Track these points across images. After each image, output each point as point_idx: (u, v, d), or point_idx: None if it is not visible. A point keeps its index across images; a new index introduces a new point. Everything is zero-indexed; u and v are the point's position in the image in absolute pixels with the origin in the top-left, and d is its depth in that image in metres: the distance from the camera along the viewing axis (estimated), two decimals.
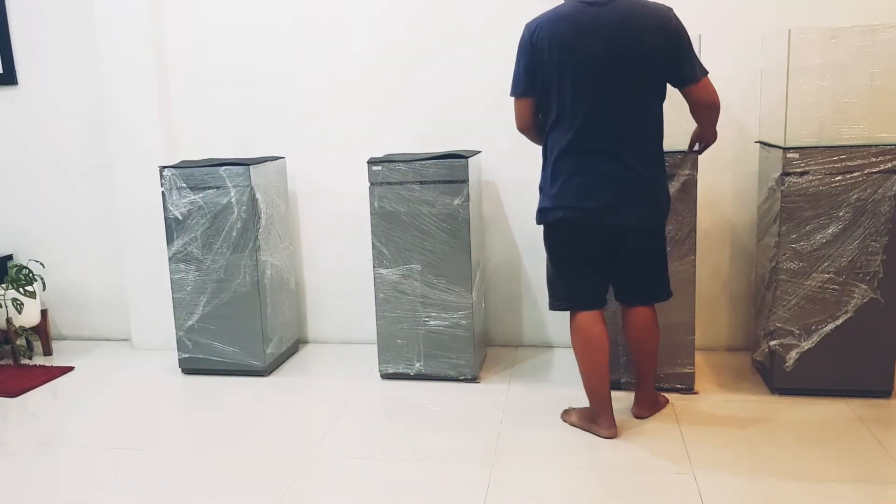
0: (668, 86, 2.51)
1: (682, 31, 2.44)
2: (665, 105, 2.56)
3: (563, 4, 2.50)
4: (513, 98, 2.59)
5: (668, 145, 2.80)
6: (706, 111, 2.55)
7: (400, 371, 3.24)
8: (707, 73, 2.49)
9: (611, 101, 2.42)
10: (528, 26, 2.52)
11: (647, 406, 2.82)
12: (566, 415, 2.80)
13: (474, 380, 3.22)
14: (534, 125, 2.61)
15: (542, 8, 3.44)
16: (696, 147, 2.80)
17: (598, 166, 2.45)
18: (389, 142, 3.54)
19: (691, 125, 2.70)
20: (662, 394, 2.94)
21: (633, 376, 2.84)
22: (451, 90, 3.50)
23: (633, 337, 2.72)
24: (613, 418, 2.65)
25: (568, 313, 2.67)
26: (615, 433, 2.63)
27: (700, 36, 2.80)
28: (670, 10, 2.44)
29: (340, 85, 3.60)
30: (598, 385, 2.63)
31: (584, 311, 2.61)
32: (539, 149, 3.51)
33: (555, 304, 2.70)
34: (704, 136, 2.72)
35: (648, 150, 2.50)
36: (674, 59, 2.42)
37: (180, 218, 3.32)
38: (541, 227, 3.54)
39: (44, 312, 3.84)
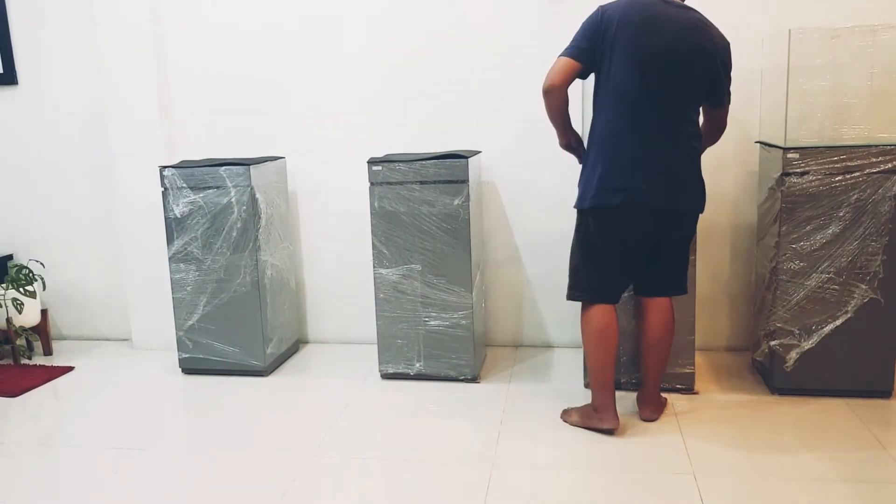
0: None
1: (730, 62, 2.60)
2: None
3: None
4: (561, 57, 2.55)
5: None
6: (718, 132, 2.74)
7: (400, 371, 3.24)
8: (730, 102, 2.66)
9: (664, 90, 2.48)
10: (601, 6, 2.58)
11: (656, 408, 2.80)
12: (566, 415, 2.80)
13: (474, 380, 3.22)
14: (563, 88, 2.56)
15: (541, 7, 3.45)
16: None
17: (655, 151, 2.50)
18: (389, 142, 3.54)
19: None
20: (663, 395, 2.94)
21: (642, 376, 2.82)
22: (451, 90, 3.50)
23: (651, 332, 2.72)
24: (617, 411, 2.66)
25: (568, 310, 2.67)
26: (617, 425, 2.64)
27: None
28: (729, 43, 2.58)
29: (340, 85, 3.60)
30: (609, 376, 2.65)
31: (602, 304, 2.64)
32: (537, 149, 3.52)
33: (575, 295, 2.71)
34: (704, 146, 2.76)
35: (691, 144, 2.58)
36: (718, 84, 2.57)
37: (180, 218, 3.32)
38: (539, 227, 3.57)
39: (44, 312, 3.84)
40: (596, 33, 2.53)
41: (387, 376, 3.29)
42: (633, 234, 2.57)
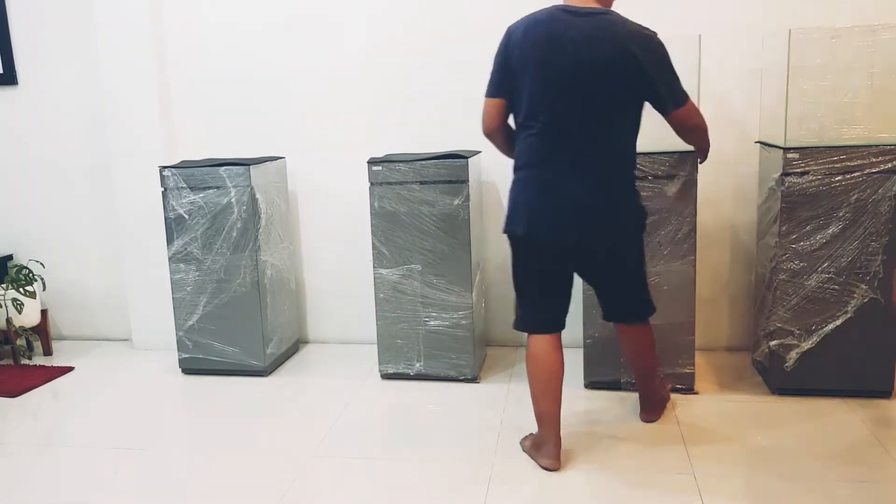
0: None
1: (662, 56, 2.31)
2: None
3: (543, 9, 2.38)
4: (485, 98, 2.46)
5: (666, 146, 2.81)
6: (690, 135, 2.49)
7: (400, 371, 3.24)
8: (689, 98, 2.38)
9: (574, 112, 2.29)
10: (507, 29, 2.42)
11: (655, 407, 2.80)
12: (524, 440, 2.62)
13: (474, 380, 3.22)
14: (499, 128, 2.46)
15: (541, 7, 3.45)
16: (698, 159, 2.78)
17: (562, 183, 2.32)
18: (389, 142, 3.54)
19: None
20: (666, 386, 2.88)
21: (636, 381, 2.83)
22: (451, 90, 3.49)
23: (628, 349, 2.70)
24: (559, 449, 2.46)
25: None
26: (556, 465, 2.43)
27: (700, 36, 2.81)
28: (654, 34, 2.32)
29: (340, 85, 3.60)
30: (547, 408, 2.47)
31: (536, 335, 2.47)
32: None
33: (516, 324, 2.55)
34: (697, 151, 2.67)
35: (614, 166, 2.37)
36: (650, 82, 2.30)
37: (181, 218, 3.32)
38: None
39: (44, 312, 3.84)
40: (504, 61, 2.38)
41: (387, 376, 3.29)
42: (546, 265, 2.43)
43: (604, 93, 2.28)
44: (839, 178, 2.75)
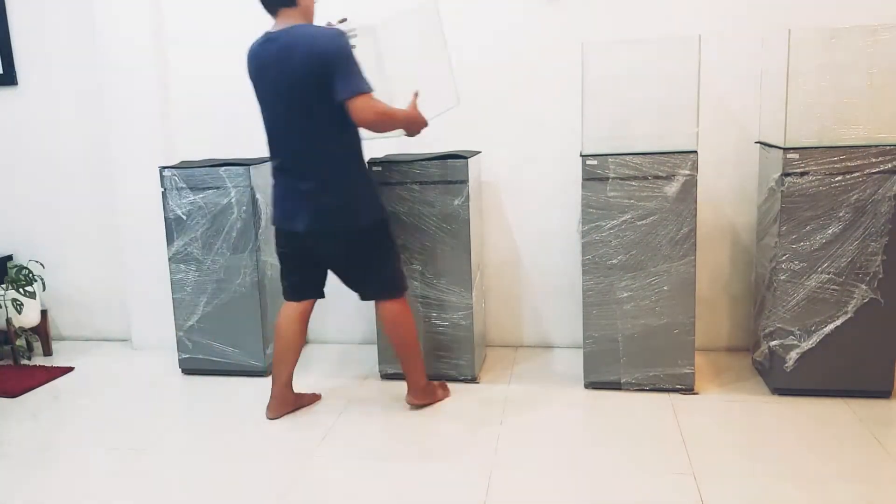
0: None
1: (334, 51, 2.52)
2: (664, 106, 2.55)
3: (259, 37, 2.70)
4: None
5: (666, 146, 2.81)
6: (370, 126, 2.64)
7: (400, 371, 3.23)
8: (366, 90, 2.54)
9: (287, 124, 2.66)
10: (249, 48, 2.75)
11: (417, 395, 2.96)
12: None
13: (474, 380, 3.23)
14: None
15: (541, 7, 3.45)
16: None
17: (286, 181, 2.74)
18: (389, 142, 3.53)
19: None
20: (444, 384, 3.09)
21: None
22: None
23: (384, 329, 2.97)
24: (276, 401, 2.95)
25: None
26: (271, 415, 2.93)
27: (700, 36, 2.81)
28: (332, 32, 2.58)
29: None
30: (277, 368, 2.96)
31: (287, 302, 2.96)
32: (537, 149, 3.53)
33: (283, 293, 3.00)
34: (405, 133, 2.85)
35: (334, 168, 2.69)
36: (324, 79, 2.53)
37: (180, 218, 3.32)
38: (539, 227, 3.58)
39: (44, 313, 3.84)
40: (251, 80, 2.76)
41: (387, 376, 3.29)
42: (290, 250, 2.86)
43: (301, 101, 2.59)
44: (839, 178, 2.75)
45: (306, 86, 2.56)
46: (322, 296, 2.99)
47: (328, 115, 2.60)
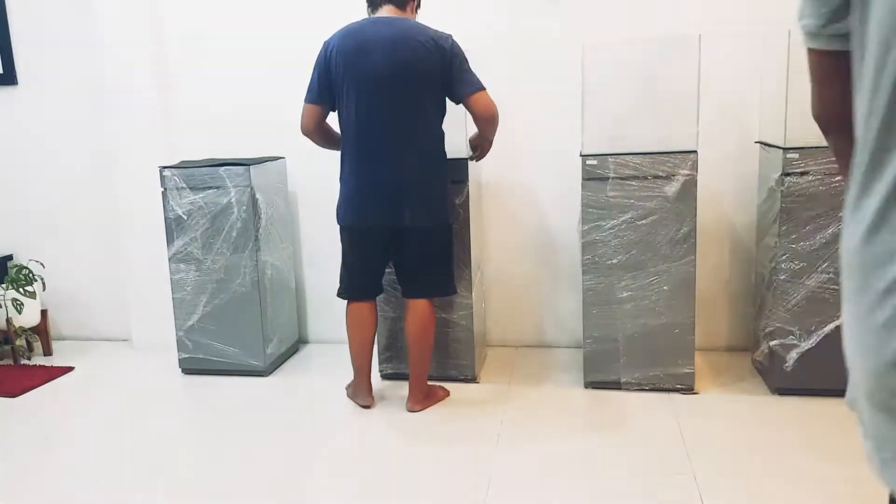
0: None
1: (456, 49, 2.67)
2: (664, 106, 2.56)
3: (355, 21, 2.71)
4: (304, 104, 2.80)
5: (666, 146, 2.80)
6: (484, 123, 2.76)
7: (400, 371, 3.24)
8: (484, 88, 2.68)
9: (387, 109, 2.65)
10: (325, 42, 2.74)
11: (419, 400, 2.94)
12: (347, 387, 3.08)
13: (474, 380, 3.23)
14: (316, 130, 2.83)
15: (541, 6, 3.45)
16: (474, 154, 3.00)
17: (373, 173, 2.70)
18: None
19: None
20: (442, 386, 3.08)
21: (409, 369, 2.97)
22: None
23: (408, 328, 2.91)
24: (369, 391, 2.99)
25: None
26: (371, 402, 2.97)
27: (700, 36, 2.81)
28: (450, 36, 2.68)
29: None
30: (358, 360, 2.96)
31: (356, 301, 2.94)
32: (537, 149, 3.54)
33: (338, 292, 3.00)
34: (482, 143, 2.92)
35: (425, 157, 2.72)
36: (448, 78, 2.65)
37: (181, 218, 3.32)
38: (539, 227, 3.58)
39: (44, 312, 3.84)
40: (323, 70, 2.72)
41: (387, 377, 3.29)
42: (367, 248, 2.85)
43: (410, 91, 2.63)
44: (839, 178, 2.74)
45: (421, 74, 2.62)
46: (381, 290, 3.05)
47: (433, 108, 2.69)
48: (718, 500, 2.24)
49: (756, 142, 3.21)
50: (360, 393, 2.99)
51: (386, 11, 2.70)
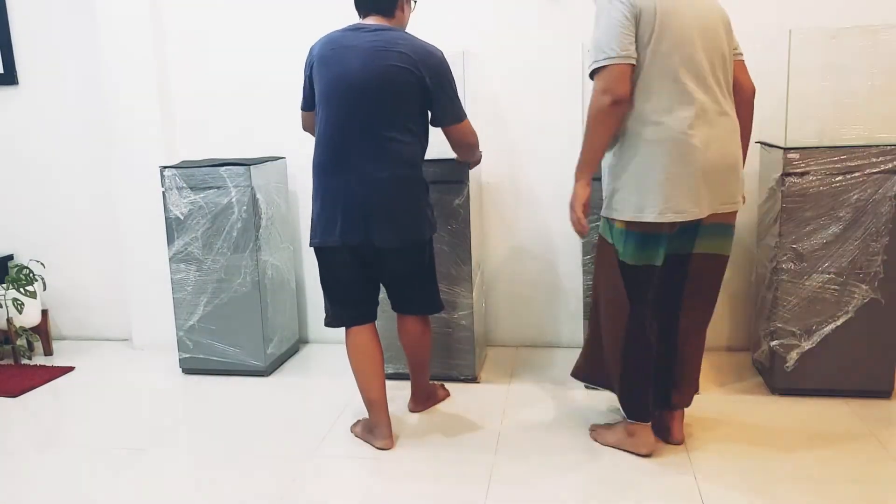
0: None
1: (444, 73, 2.50)
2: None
3: (339, 28, 2.57)
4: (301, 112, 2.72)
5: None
6: (462, 152, 2.72)
7: (400, 371, 3.24)
8: (465, 118, 2.59)
9: (357, 122, 2.45)
10: (310, 47, 2.61)
11: (421, 401, 2.95)
12: (354, 427, 2.81)
13: (474, 380, 3.22)
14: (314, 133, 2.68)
15: (541, 6, 3.45)
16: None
17: (340, 190, 2.48)
18: None
19: None
20: (443, 385, 3.09)
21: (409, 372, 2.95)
22: None
23: (403, 341, 2.82)
24: (389, 429, 2.67)
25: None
26: (390, 444, 2.64)
27: None
28: (439, 52, 2.52)
29: None
30: (369, 391, 2.67)
31: (353, 327, 2.67)
32: (537, 149, 3.53)
33: (329, 322, 2.74)
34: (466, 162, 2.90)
35: (397, 174, 2.48)
36: (430, 100, 2.50)
37: (181, 218, 3.32)
38: (539, 227, 3.58)
39: (44, 312, 3.84)
40: (308, 77, 2.59)
41: (386, 376, 3.28)
42: (340, 269, 2.61)
43: (387, 101, 2.44)
44: (839, 178, 2.75)
45: (399, 87, 2.43)
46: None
47: (410, 122, 2.49)
48: (718, 500, 2.24)
49: (756, 142, 3.20)
50: (379, 432, 2.65)
51: (372, 20, 2.54)
